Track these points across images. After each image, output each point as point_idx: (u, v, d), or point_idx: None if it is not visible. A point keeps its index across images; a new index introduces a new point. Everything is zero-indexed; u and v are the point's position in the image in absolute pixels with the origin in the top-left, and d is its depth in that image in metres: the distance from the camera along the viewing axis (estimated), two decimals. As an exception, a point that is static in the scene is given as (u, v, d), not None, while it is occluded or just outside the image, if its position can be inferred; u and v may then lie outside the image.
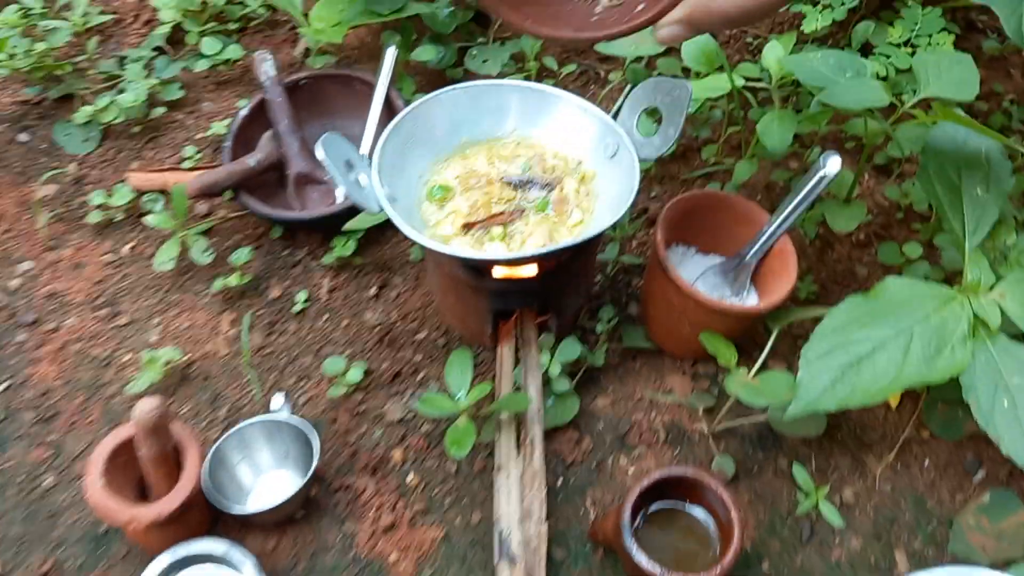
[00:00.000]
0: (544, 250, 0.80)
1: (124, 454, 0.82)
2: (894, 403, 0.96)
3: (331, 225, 1.05)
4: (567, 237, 0.85)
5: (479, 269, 0.86)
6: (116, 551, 0.86)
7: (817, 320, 0.82)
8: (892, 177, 1.13)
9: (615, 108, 1.17)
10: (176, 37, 1.28)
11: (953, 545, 0.87)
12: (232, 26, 1.29)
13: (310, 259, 1.07)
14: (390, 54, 1.07)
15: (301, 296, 1.03)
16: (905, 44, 1.02)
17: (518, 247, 0.84)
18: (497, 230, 0.85)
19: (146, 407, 0.76)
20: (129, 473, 0.83)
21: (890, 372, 0.78)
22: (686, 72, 1.10)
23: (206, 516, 0.86)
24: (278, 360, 0.99)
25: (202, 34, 1.23)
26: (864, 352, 0.79)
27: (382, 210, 0.80)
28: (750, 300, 0.95)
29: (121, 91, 1.19)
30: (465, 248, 0.83)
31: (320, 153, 0.76)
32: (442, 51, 1.19)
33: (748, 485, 0.90)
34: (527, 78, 1.15)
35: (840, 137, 1.15)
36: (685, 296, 0.88)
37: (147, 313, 1.04)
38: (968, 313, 0.79)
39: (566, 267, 0.88)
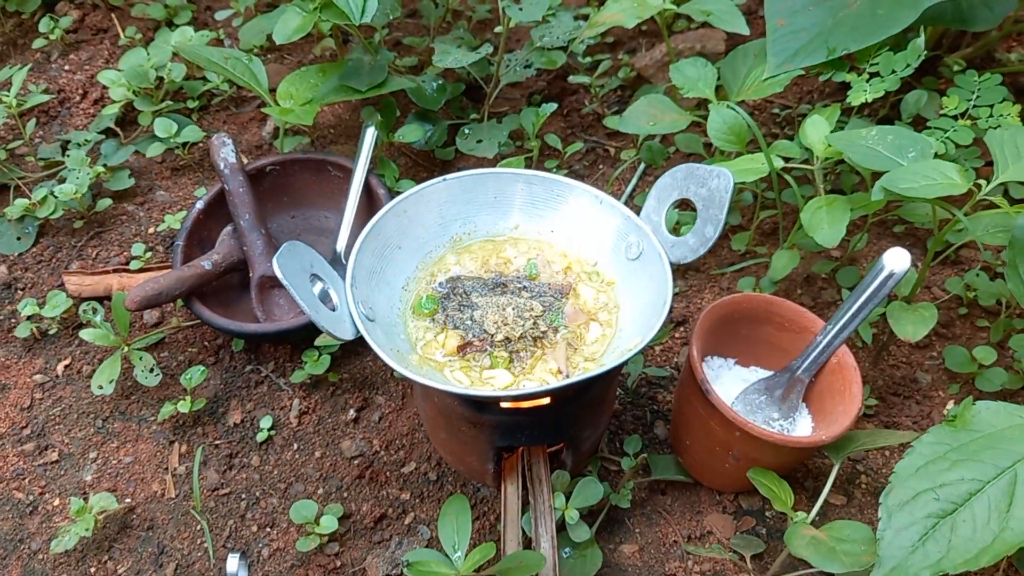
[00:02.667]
0: (560, 384, 0.64)
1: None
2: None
3: (300, 337, 0.90)
4: (585, 359, 0.70)
5: (479, 402, 0.70)
6: None
7: (884, 448, 0.67)
8: (948, 266, 0.99)
9: (627, 190, 1.03)
10: (128, 117, 1.14)
11: None
12: (192, 104, 1.15)
13: (276, 376, 0.91)
14: (369, 135, 0.92)
15: (266, 422, 0.87)
16: (962, 115, 0.88)
17: (528, 371, 0.69)
18: (500, 353, 0.69)
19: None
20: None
21: (993, 526, 0.64)
22: (709, 149, 0.96)
23: None
24: (237, 503, 0.83)
25: (156, 114, 1.09)
26: (959, 499, 0.65)
27: (358, 333, 0.64)
28: (802, 423, 0.79)
29: (62, 180, 1.04)
30: (463, 381, 0.67)
31: (278, 271, 0.60)
32: (430, 129, 1.04)
33: (812, 655, 0.74)
34: (528, 159, 1.01)
35: (888, 220, 1.00)
36: (730, 425, 0.72)
37: (82, 446, 0.87)
38: (1083, 446, 0.64)
39: (584, 394, 0.72)
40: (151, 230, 1.05)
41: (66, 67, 1.23)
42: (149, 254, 1.01)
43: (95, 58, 1.24)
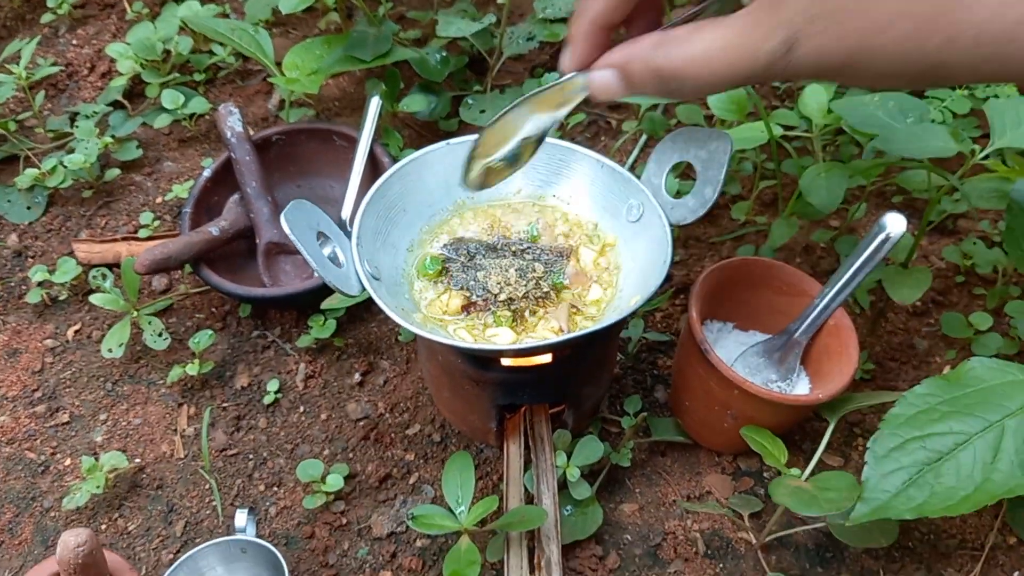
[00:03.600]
0: (561, 339, 0.65)
1: (49, 594, 0.67)
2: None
3: (307, 302, 0.91)
4: (585, 318, 0.71)
5: (482, 359, 0.72)
6: None
7: (880, 408, 0.68)
8: (946, 235, 1.00)
9: (629, 161, 1.04)
10: (135, 90, 1.15)
11: None
12: (198, 77, 1.16)
13: (283, 341, 0.93)
14: (374, 105, 0.93)
15: (272, 385, 0.89)
16: (961, 85, 0.89)
17: (530, 330, 0.70)
18: (503, 312, 0.70)
19: (71, 542, 0.62)
20: (55, 617, 0.68)
21: (976, 476, 0.65)
22: (710, 120, 0.98)
23: (151, 667, 0.70)
24: (245, 463, 0.84)
25: (163, 86, 1.10)
26: (945, 448, 0.66)
27: (364, 291, 0.66)
28: (800, 384, 0.81)
29: (70, 151, 1.05)
30: (466, 338, 0.69)
31: (285, 226, 0.62)
32: (434, 100, 1.05)
33: (807, 608, 0.75)
34: (530, 129, 1.01)
35: (886, 191, 1.01)
36: (728, 384, 0.73)
37: (92, 408, 0.89)
38: (1073, 406, 0.65)
39: (585, 353, 0.74)
40: (159, 200, 1.06)
41: (74, 41, 1.24)
42: (157, 223, 1.03)
43: (102, 32, 1.25)
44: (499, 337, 0.69)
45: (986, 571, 0.78)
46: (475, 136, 0.64)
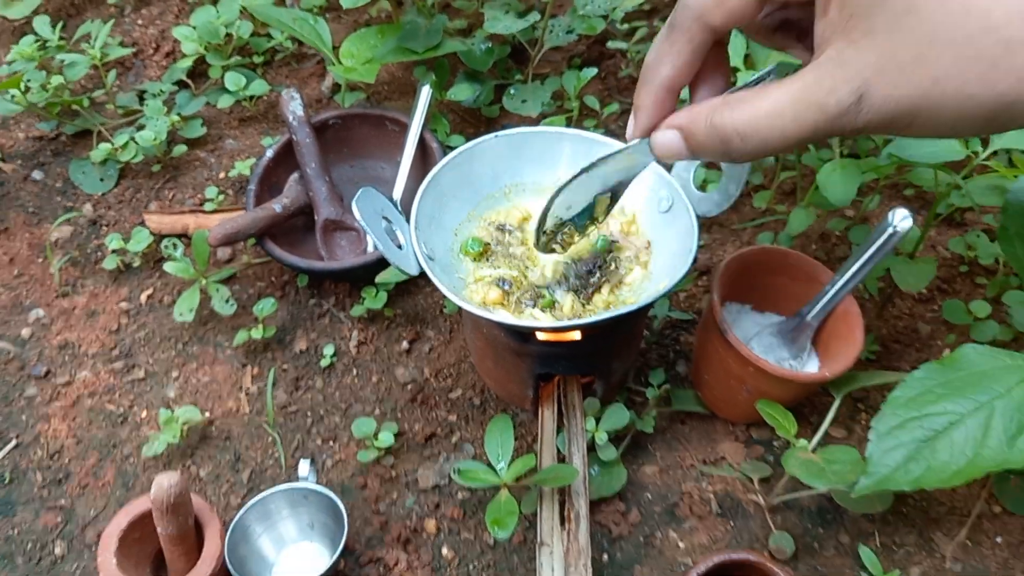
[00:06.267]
0: (596, 319, 0.74)
1: (139, 529, 0.76)
2: (967, 476, 0.89)
3: (360, 276, 1.00)
4: (618, 299, 0.79)
5: (522, 333, 0.80)
6: (130, 630, 0.80)
7: (882, 387, 0.76)
8: (953, 228, 1.07)
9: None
10: (198, 70, 1.23)
11: (1033, 635, 0.80)
12: (257, 59, 1.24)
13: (338, 310, 1.02)
14: (424, 94, 1.01)
15: (328, 350, 0.98)
16: None
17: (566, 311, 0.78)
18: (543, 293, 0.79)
19: (165, 483, 0.71)
20: (145, 548, 0.78)
21: (968, 452, 0.72)
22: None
23: (227, 595, 0.80)
24: (304, 419, 0.93)
25: (226, 68, 1.18)
26: (940, 427, 0.73)
27: (422, 270, 0.74)
28: (810, 363, 0.89)
29: (140, 127, 1.14)
30: (511, 316, 0.77)
31: (356, 212, 0.70)
32: (478, 89, 1.13)
33: (808, 564, 0.84)
34: (568, 118, 1.09)
35: (899, 183, 1.08)
36: (743, 362, 0.81)
37: (165, 366, 0.98)
38: (1056, 389, 0.72)
39: (614, 330, 0.82)
40: (222, 175, 1.15)
41: (139, 21, 1.32)
42: (221, 197, 1.11)
43: (165, 14, 1.33)
44: (538, 315, 0.78)
45: (971, 535, 0.86)
46: (520, 128, 0.72)
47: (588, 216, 0.71)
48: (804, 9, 0.46)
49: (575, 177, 0.65)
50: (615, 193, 0.68)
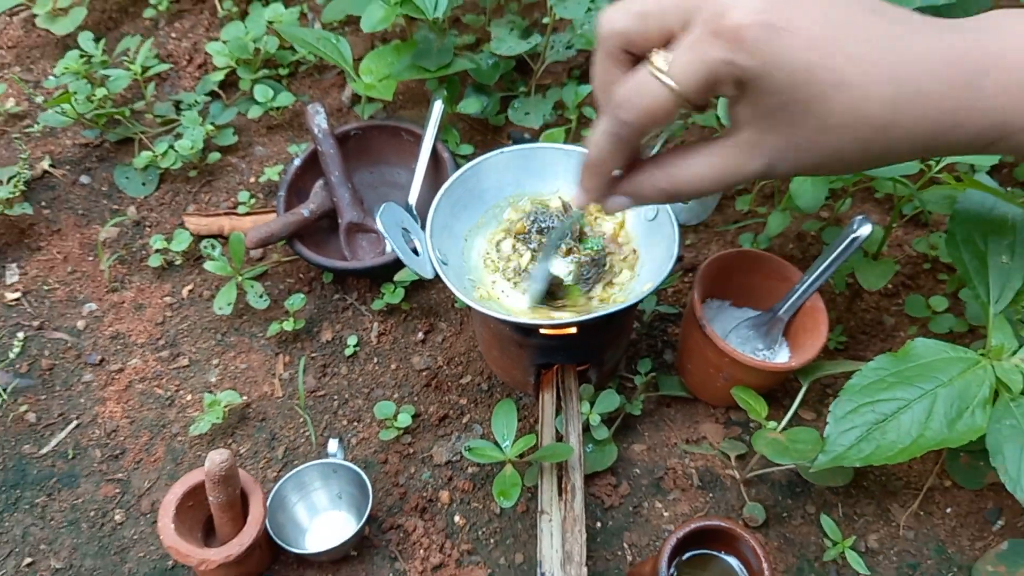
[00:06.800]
0: (589, 317, 0.84)
1: (192, 498, 0.88)
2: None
3: (379, 273, 1.11)
4: (619, 290, 0.90)
5: (525, 328, 0.91)
6: (183, 586, 0.92)
7: (846, 374, 0.86)
8: (920, 228, 1.17)
9: (651, 156, 1.22)
10: (228, 81, 1.33)
11: (973, 593, 0.91)
12: (282, 71, 1.35)
13: (360, 304, 1.13)
14: (437, 108, 1.11)
15: (352, 340, 1.09)
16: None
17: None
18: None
19: (217, 459, 0.82)
20: (197, 515, 0.89)
21: (912, 433, 0.82)
22: (723, 127, 1.14)
23: (267, 555, 0.92)
24: (331, 403, 1.05)
25: (255, 81, 1.28)
26: (890, 412, 0.83)
27: (436, 274, 0.85)
28: (781, 353, 1.00)
29: (178, 136, 1.25)
30: (516, 315, 0.88)
31: (380, 226, 0.81)
32: (485, 100, 1.23)
33: (777, 531, 0.95)
34: (568, 129, 1.19)
35: (870, 187, 1.18)
36: (720, 353, 0.92)
37: (206, 355, 1.09)
38: (991, 378, 0.82)
39: (606, 326, 0.93)
40: (252, 180, 1.26)
41: (172, 35, 1.43)
42: (252, 200, 1.22)
43: (196, 27, 1.44)
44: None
45: (924, 507, 0.97)
46: (530, 144, 0.84)
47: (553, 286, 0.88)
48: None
49: (542, 259, 0.84)
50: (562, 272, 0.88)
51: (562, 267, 0.90)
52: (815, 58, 0.50)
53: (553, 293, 0.89)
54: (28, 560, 0.93)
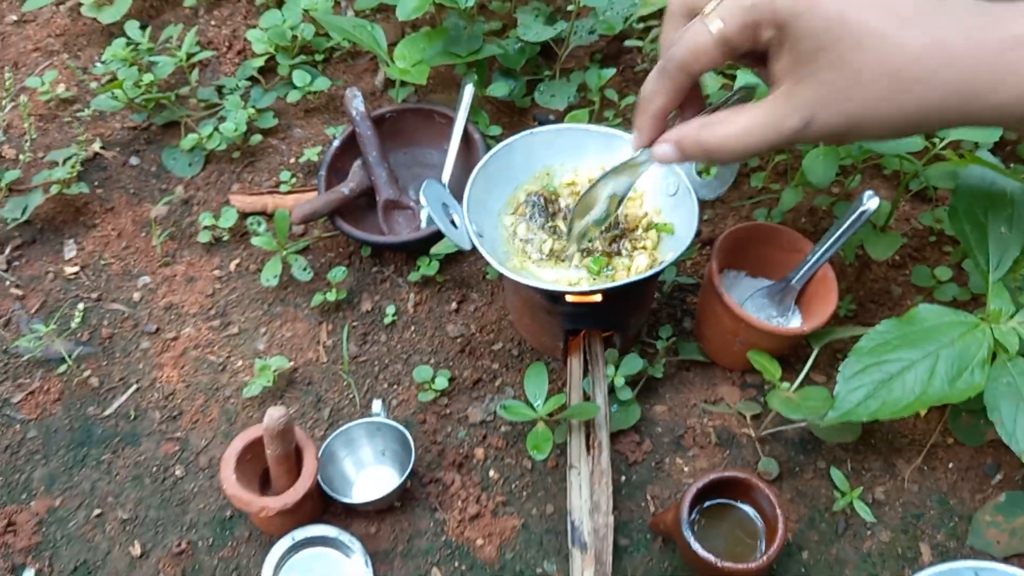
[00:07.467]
0: (613, 285, 0.91)
1: (251, 452, 0.95)
2: (923, 412, 1.06)
3: (415, 247, 1.18)
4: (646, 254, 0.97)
5: (554, 295, 0.98)
6: (240, 534, 1.00)
7: (855, 338, 0.92)
8: (926, 203, 1.23)
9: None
10: (266, 66, 1.40)
11: (971, 539, 0.98)
12: (318, 57, 1.42)
13: (397, 276, 1.20)
14: (468, 91, 1.18)
15: (390, 310, 1.16)
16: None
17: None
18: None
19: (276, 415, 0.89)
20: (255, 467, 0.97)
21: (916, 390, 0.88)
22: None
23: (319, 505, 1.00)
24: (372, 368, 1.12)
25: (293, 67, 1.35)
26: (895, 371, 0.89)
27: (474, 246, 0.92)
28: (794, 320, 1.06)
29: (221, 119, 1.32)
30: (545, 282, 0.95)
31: (423, 199, 0.88)
32: (512, 84, 1.30)
33: (790, 484, 1.02)
34: (591, 110, 1.26)
35: (879, 164, 1.25)
36: (737, 319, 0.99)
37: (254, 324, 1.17)
38: (989, 340, 0.89)
39: (629, 294, 1.00)
40: (292, 160, 1.33)
41: (212, 22, 1.50)
42: (293, 179, 1.30)
43: (235, 15, 1.51)
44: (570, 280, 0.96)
45: (927, 462, 1.04)
46: (555, 126, 0.91)
47: (604, 215, 0.88)
48: (761, 54, 0.63)
49: (594, 184, 0.83)
50: (622, 195, 0.86)
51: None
52: (847, 7, 0.54)
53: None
54: (97, 511, 1.01)
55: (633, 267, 0.97)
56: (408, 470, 0.97)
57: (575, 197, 1.01)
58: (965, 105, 0.56)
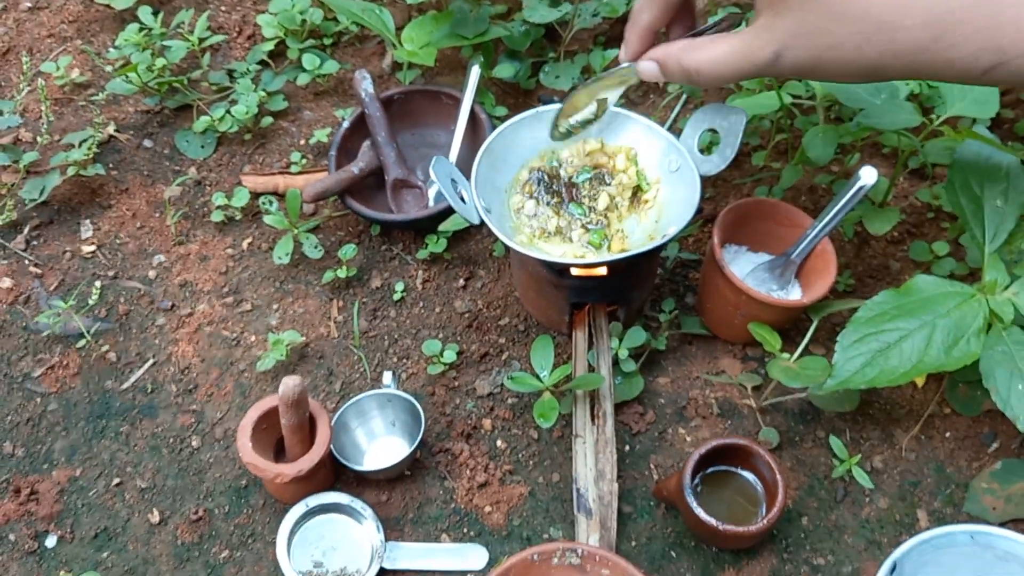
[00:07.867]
0: (617, 257, 0.94)
1: (266, 421, 0.98)
2: (920, 383, 1.08)
3: (423, 225, 1.20)
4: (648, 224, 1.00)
5: (559, 269, 1.01)
6: (255, 501, 1.03)
7: (853, 311, 0.94)
8: (924, 180, 1.25)
9: (672, 116, 1.31)
10: (276, 50, 1.43)
11: (968, 506, 1.00)
12: (327, 41, 1.44)
13: (405, 254, 1.23)
14: (475, 73, 1.21)
15: (399, 286, 1.19)
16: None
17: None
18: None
19: (291, 383, 0.92)
20: (270, 436, 1.00)
21: (913, 359, 0.91)
22: (738, 86, 1.23)
23: (331, 473, 1.03)
24: (382, 342, 1.15)
25: (302, 51, 1.38)
26: (892, 340, 0.92)
27: (482, 221, 0.95)
28: (794, 294, 1.09)
29: (233, 102, 1.34)
30: (551, 255, 0.98)
31: (433, 175, 0.91)
32: (518, 66, 1.32)
33: (790, 453, 1.05)
34: (595, 90, 1.28)
35: (878, 143, 1.27)
36: (738, 292, 1.02)
37: (267, 300, 1.20)
38: (984, 309, 0.91)
39: (633, 268, 1.02)
40: (302, 142, 1.36)
41: (222, 7, 1.52)
42: (304, 160, 1.32)
43: (244, 0, 1.53)
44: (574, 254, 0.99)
45: (924, 431, 1.06)
46: (558, 105, 0.94)
47: (591, 116, 0.97)
48: None
49: (584, 85, 0.90)
50: (611, 101, 0.95)
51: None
52: None
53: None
54: (116, 480, 1.05)
55: (628, 231, 1.00)
56: (418, 440, 1.00)
57: (576, 170, 1.03)
58: (930, 55, 0.59)
